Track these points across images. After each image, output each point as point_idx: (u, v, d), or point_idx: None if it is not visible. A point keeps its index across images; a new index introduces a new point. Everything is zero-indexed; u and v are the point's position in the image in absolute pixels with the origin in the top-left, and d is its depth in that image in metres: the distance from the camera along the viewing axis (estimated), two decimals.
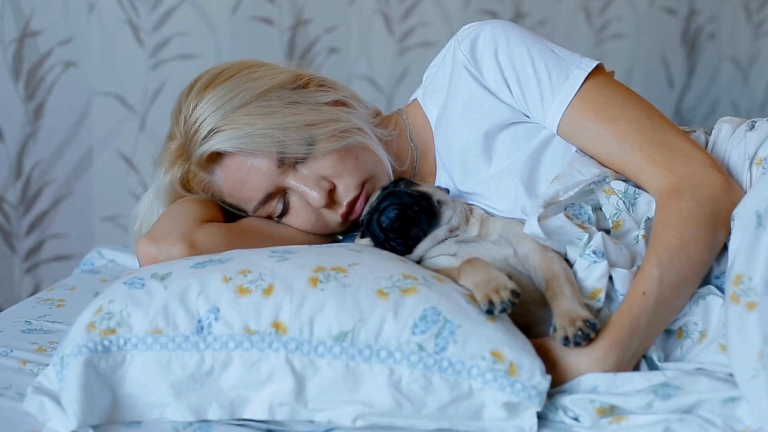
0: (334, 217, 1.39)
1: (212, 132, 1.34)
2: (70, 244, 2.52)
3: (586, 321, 1.12)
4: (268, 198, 1.38)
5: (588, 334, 1.11)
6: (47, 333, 1.44)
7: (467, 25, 1.41)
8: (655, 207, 1.26)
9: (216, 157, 1.36)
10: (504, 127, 1.36)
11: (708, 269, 1.23)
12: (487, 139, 1.36)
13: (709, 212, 1.22)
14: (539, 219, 1.24)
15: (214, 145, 1.34)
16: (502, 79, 1.35)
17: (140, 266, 1.31)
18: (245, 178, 1.36)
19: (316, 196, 1.35)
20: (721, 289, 1.23)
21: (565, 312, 1.15)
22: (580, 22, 3.04)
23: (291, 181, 1.36)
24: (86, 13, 2.44)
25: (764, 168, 1.26)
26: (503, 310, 1.11)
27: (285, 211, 1.40)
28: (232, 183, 1.38)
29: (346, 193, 1.37)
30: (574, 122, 1.32)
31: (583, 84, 1.31)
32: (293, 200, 1.39)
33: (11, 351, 1.34)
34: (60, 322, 1.49)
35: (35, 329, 1.46)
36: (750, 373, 1.03)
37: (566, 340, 1.12)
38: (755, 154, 1.28)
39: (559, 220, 1.26)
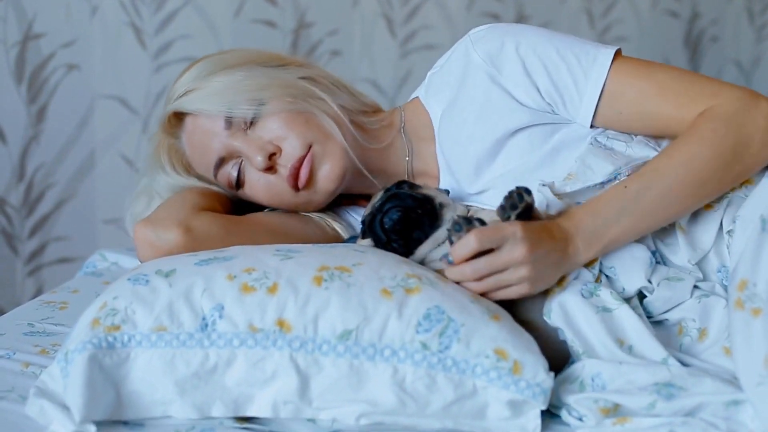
0: (284, 185, 1.39)
1: (177, 96, 1.40)
2: (73, 247, 2.51)
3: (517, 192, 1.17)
4: (221, 162, 1.40)
5: (521, 194, 1.16)
6: (50, 335, 1.43)
7: (478, 28, 1.40)
8: None
9: (177, 121, 1.43)
10: (520, 130, 1.34)
11: (715, 194, 1.23)
12: (498, 141, 1.35)
13: (733, 141, 1.21)
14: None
15: (175, 106, 1.40)
16: (525, 73, 1.33)
17: (137, 250, 1.32)
18: (200, 142, 1.40)
19: (259, 159, 1.36)
20: (724, 286, 1.22)
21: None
22: (582, 24, 3.04)
23: (237, 143, 1.38)
24: (89, 16, 2.44)
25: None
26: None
27: (241, 181, 1.41)
28: (192, 148, 1.43)
29: (290, 156, 1.37)
30: (613, 93, 1.30)
31: (612, 60, 1.31)
32: (247, 169, 1.40)
33: (14, 354, 1.33)
34: (63, 325, 1.48)
35: (38, 332, 1.45)
36: (756, 380, 1.03)
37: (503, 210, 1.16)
38: None
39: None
